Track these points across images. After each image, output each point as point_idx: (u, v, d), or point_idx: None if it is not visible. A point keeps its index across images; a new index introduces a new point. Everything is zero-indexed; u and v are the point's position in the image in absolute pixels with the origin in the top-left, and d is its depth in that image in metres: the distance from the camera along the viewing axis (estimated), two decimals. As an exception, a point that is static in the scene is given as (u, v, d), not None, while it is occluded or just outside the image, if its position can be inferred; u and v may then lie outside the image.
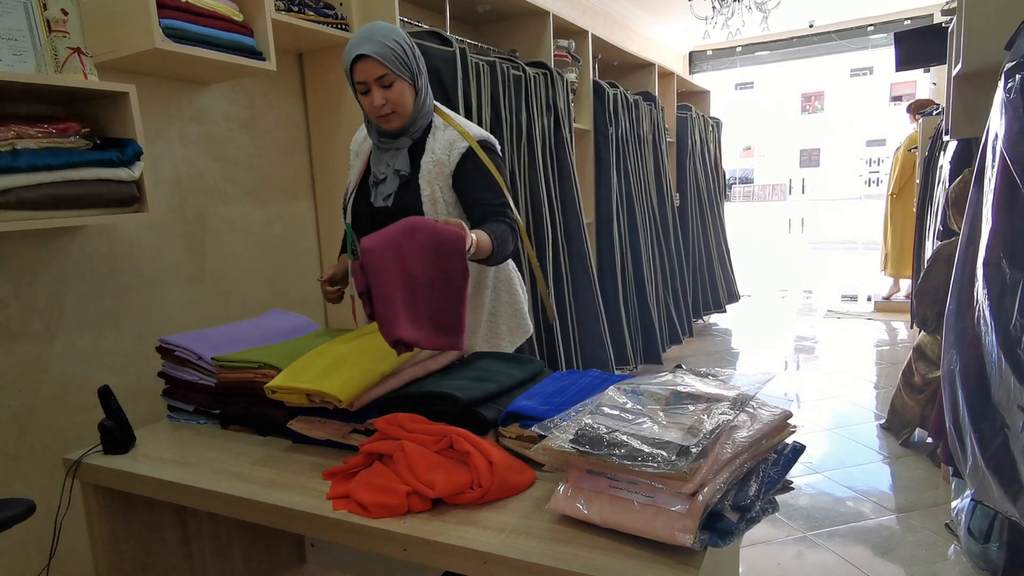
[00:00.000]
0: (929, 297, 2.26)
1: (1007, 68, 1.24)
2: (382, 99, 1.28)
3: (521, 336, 1.55)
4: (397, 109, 1.30)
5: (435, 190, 1.36)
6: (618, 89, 3.43)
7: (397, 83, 1.28)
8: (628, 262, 3.54)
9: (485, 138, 1.41)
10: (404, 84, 1.29)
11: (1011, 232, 1.17)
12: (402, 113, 1.32)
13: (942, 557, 1.87)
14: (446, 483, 0.87)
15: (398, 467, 0.91)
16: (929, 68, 4.42)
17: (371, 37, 1.26)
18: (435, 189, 1.36)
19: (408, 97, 1.31)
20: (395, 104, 1.30)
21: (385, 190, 1.38)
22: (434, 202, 1.37)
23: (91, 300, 1.59)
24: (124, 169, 1.38)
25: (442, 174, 1.37)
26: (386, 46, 1.25)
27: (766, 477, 0.80)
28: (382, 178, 1.39)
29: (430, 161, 1.37)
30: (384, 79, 1.27)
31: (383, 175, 1.38)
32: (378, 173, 1.40)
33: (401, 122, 1.33)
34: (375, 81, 1.27)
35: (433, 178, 1.36)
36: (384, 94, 1.28)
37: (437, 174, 1.36)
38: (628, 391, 0.90)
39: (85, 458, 1.13)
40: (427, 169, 1.37)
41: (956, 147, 2.38)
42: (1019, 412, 1.12)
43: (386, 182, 1.38)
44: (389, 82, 1.28)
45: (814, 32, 5.65)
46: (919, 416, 2.58)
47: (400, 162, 1.37)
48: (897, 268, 5.05)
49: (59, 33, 1.33)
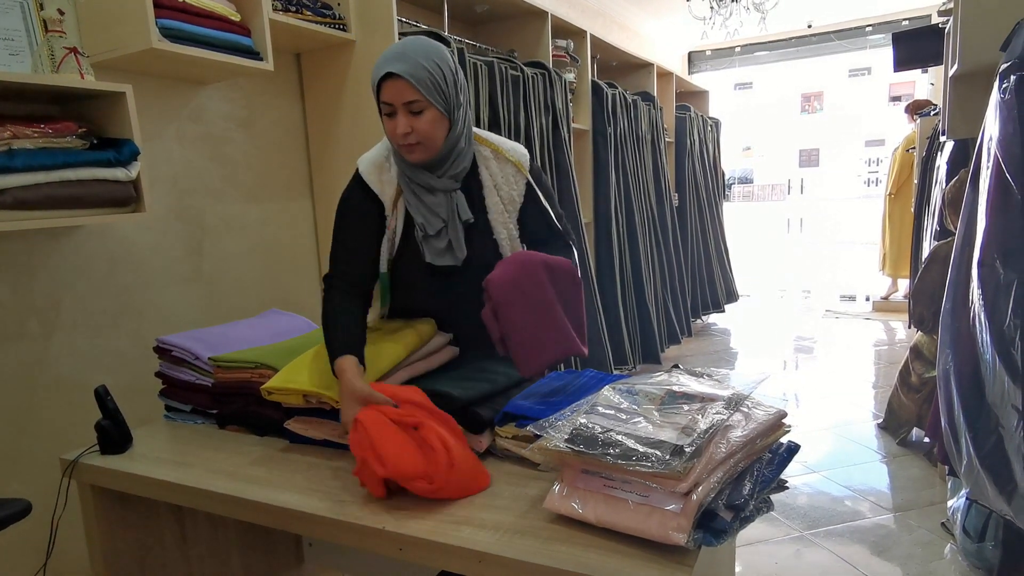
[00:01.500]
0: (925, 297, 2.26)
1: (1002, 69, 1.24)
2: (407, 127, 1.09)
3: None
4: (423, 141, 1.11)
5: (510, 231, 1.21)
6: (617, 89, 3.43)
7: (428, 111, 1.09)
8: (626, 262, 3.55)
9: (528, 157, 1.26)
10: (436, 114, 1.10)
11: (1005, 233, 1.17)
12: (428, 146, 1.12)
13: (938, 556, 1.88)
14: (397, 464, 0.86)
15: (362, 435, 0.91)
16: (927, 68, 4.43)
17: (406, 54, 1.07)
18: (510, 230, 1.21)
19: (439, 129, 1.11)
20: (422, 135, 1.10)
21: (442, 244, 1.17)
22: (511, 240, 1.21)
23: (88, 300, 1.59)
24: (121, 169, 1.38)
25: (511, 211, 1.22)
26: (423, 67, 1.07)
27: (760, 476, 0.81)
28: (435, 231, 1.16)
29: (497, 201, 1.20)
30: (414, 105, 1.08)
31: (438, 226, 1.16)
32: (429, 225, 1.16)
33: (425, 155, 1.13)
34: (403, 105, 1.08)
35: (507, 218, 1.21)
36: (411, 121, 1.09)
37: (508, 213, 1.21)
38: (623, 391, 0.90)
39: (82, 458, 1.14)
40: (497, 210, 1.20)
41: (952, 147, 2.39)
42: (1013, 412, 1.12)
43: (440, 235, 1.17)
44: (419, 109, 1.08)
45: (812, 32, 5.66)
46: (916, 416, 2.58)
47: (463, 209, 1.17)
48: (895, 268, 5.06)
49: (55, 33, 1.33)
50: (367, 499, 0.92)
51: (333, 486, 0.97)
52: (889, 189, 5.03)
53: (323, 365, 1.09)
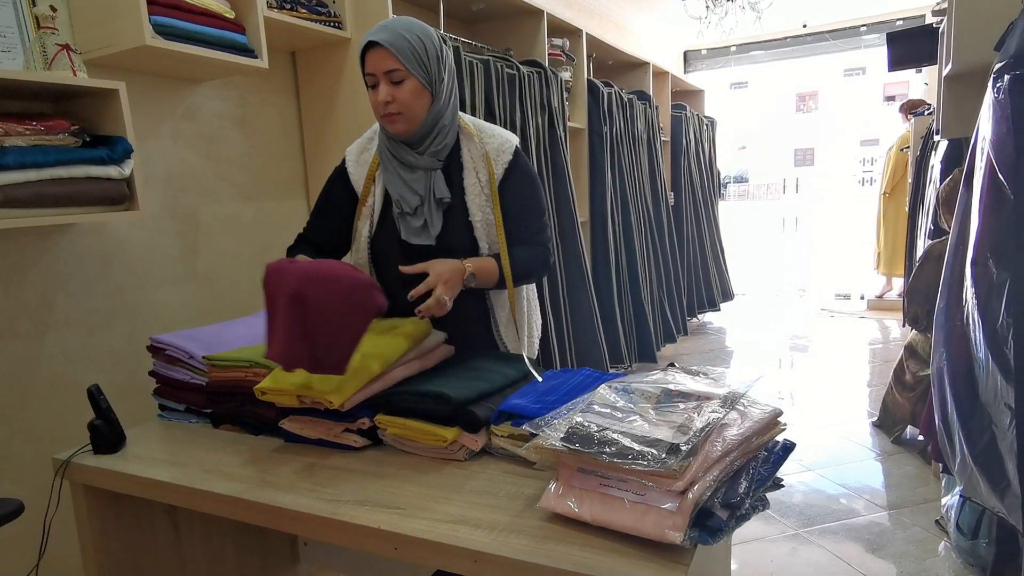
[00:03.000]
0: (920, 296, 2.27)
1: (996, 69, 1.25)
2: (388, 95, 1.13)
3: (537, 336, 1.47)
4: (403, 111, 1.15)
5: (487, 214, 1.20)
6: (612, 88, 3.43)
7: (408, 81, 1.13)
8: (622, 261, 3.55)
9: (517, 142, 1.28)
10: (417, 84, 1.14)
11: (997, 232, 1.18)
12: (409, 116, 1.15)
13: (932, 553, 1.89)
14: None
15: None
16: (921, 68, 4.45)
17: (388, 27, 1.13)
18: (487, 213, 1.20)
19: (420, 100, 1.15)
20: (402, 104, 1.14)
21: (419, 223, 1.20)
22: (488, 226, 1.21)
23: (81, 299, 1.58)
24: (114, 167, 1.37)
25: (491, 192, 1.21)
26: (403, 38, 1.11)
27: (756, 475, 0.81)
28: (411, 208, 1.19)
29: (475, 182, 1.20)
30: (394, 74, 1.12)
31: (415, 203, 1.19)
32: (407, 202, 1.19)
33: (406, 127, 1.17)
34: (384, 75, 1.13)
35: (484, 200, 1.20)
36: (391, 91, 1.13)
37: (486, 198, 1.20)
38: (619, 389, 0.90)
39: (75, 458, 1.13)
40: (474, 191, 1.20)
41: (947, 147, 2.40)
42: (1006, 410, 1.13)
43: (418, 213, 1.19)
44: (399, 78, 1.13)
45: (807, 32, 5.67)
46: (910, 414, 2.60)
47: (439, 187, 1.19)
48: (890, 267, 5.09)
49: (48, 30, 1.32)
50: (362, 499, 0.91)
51: (328, 486, 0.96)
52: (884, 188, 5.05)
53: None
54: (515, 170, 1.24)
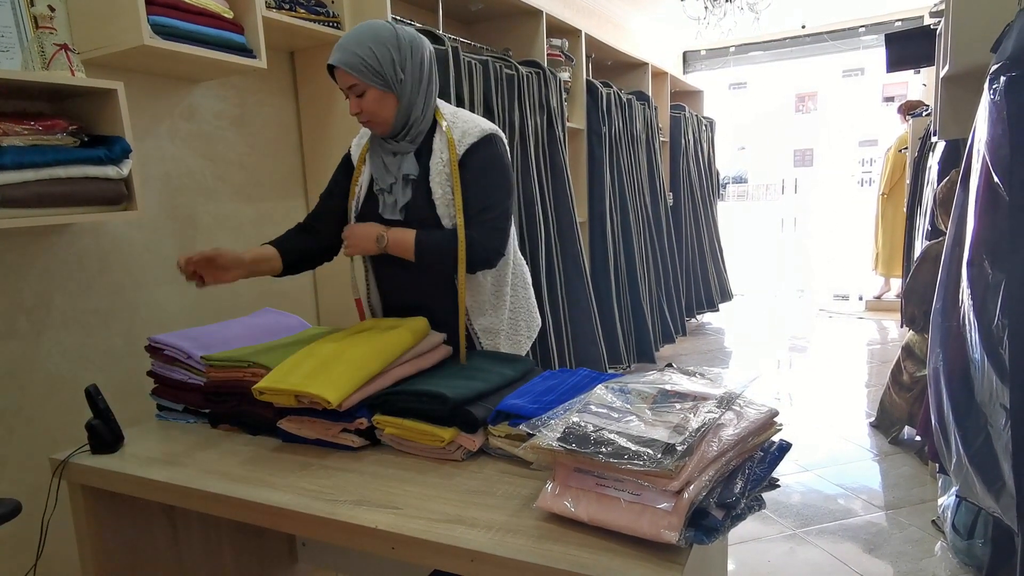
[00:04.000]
0: (917, 296, 2.28)
1: (992, 70, 1.25)
2: (356, 107, 1.26)
3: (535, 330, 1.52)
4: (372, 117, 1.27)
5: (446, 191, 1.29)
6: (611, 88, 3.43)
7: (369, 91, 1.25)
8: (621, 261, 3.55)
9: (492, 131, 1.34)
10: (377, 92, 1.25)
11: (993, 233, 1.18)
12: (378, 120, 1.28)
13: (929, 553, 1.89)
14: None
15: None
16: (919, 69, 4.45)
17: (343, 45, 1.23)
18: (447, 190, 1.29)
19: (385, 105, 1.26)
20: (369, 112, 1.26)
21: (392, 199, 1.32)
22: (448, 205, 1.29)
23: (79, 299, 1.58)
24: (112, 167, 1.37)
25: (452, 172, 1.30)
26: (355, 55, 1.22)
27: (752, 475, 0.81)
28: (388, 185, 1.32)
29: (439, 161, 1.30)
30: (355, 88, 1.25)
31: (389, 182, 1.32)
32: (382, 181, 1.33)
33: (382, 128, 1.30)
34: (348, 89, 1.26)
35: (444, 179, 1.30)
36: (358, 103, 1.26)
37: (446, 176, 1.30)
38: (616, 390, 0.90)
39: (72, 458, 1.13)
40: (437, 170, 1.30)
41: (944, 148, 2.40)
42: (1001, 410, 1.13)
43: (393, 190, 1.32)
44: (360, 91, 1.25)
45: (806, 33, 5.68)
46: (908, 414, 2.60)
47: (408, 165, 1.31)
48: (888, 268, 5.09)
49: (46, 30, 1.32)
50: (360, 499, 0.92)
51: (326, 485, 0.96)
52: (882, 189, 5.06)
53: (315, 364, 1.09)
54: (478, 152, 1.30)
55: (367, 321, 1.29)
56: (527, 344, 1.49)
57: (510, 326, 1.45)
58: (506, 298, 1.43)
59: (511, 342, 1.45)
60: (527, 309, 1.49)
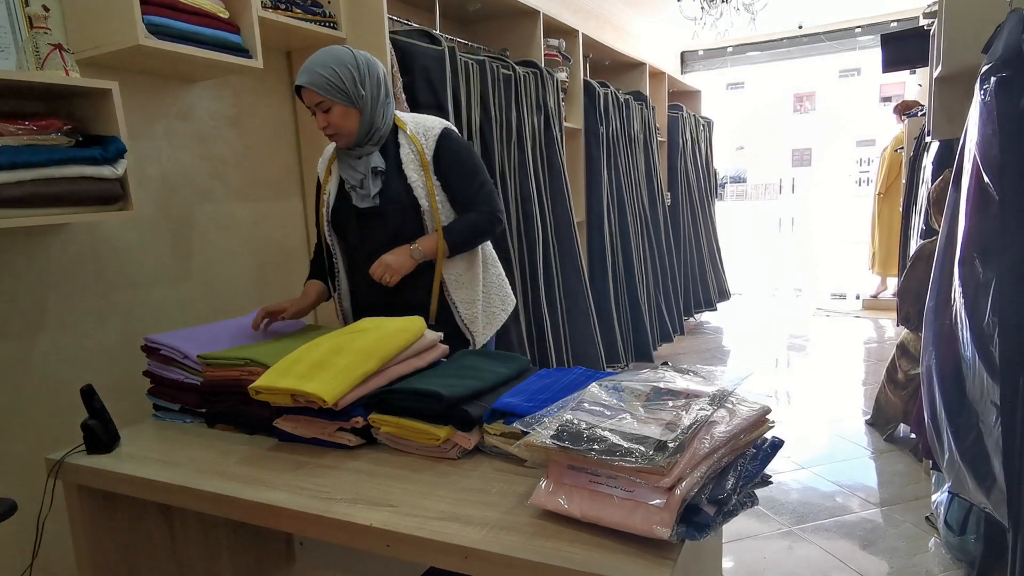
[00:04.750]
0: (911, 295, 2.29)
1: (983, 71, 1.26)
2: (324, 122, 1.40)
3: (509, 305, 1.68)
4: (338, 130, 1.41)
5: (422, 176, 1.46)
6: (609, 88, 3.44)
7: (335, 107, 1.38)
8: (619, 261, 3.56)
9: (446, 125, 1.52)
10: (341, 108, 1.39)
11: (984, 232, 1.19)
12: (343, 133, 1.42)
13: (922, 549, 1.91)
14: None
15: None
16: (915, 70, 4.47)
17: (309, 67, 1.37)
18: (421, 175, 1.46)
19: (349, 119, 1.41)
20: (336, 127, 1.40)
21: (364, 191, 1.45)
22: (423, 188, 1.45)
23: (75, 299, 1.58)
24: (107, 167, 1.37)
25: (422, 162, 1.46)
26: (320, 75, 1.36)
27: (744, 471, 0.82)
28: (358, 181, 1.46)
29: (409, 152, 1.47)
30: (321, 105, 1.38)
31: (358, 178, 1.46)
32: (351, 178, 1.47)
33: (346, 140, 1.44)
34: (315, 106, 1.39)
35: (417, 165, 1.46)
36: (325, 118, 1.40)
37: (418, 163, 1.46)
38: (609, 387, 0.91)
39: (68, 458, 1.13)
40: (409, 159, 1.46)
41: (938, 148, 2.41)
42: (992, 407, 1.14)
43: (363, 184, 1.45)
44: (327, 107, 1.38)
45: (803, 33, 5.69)
46: (902, 412, 2.61)
47: (375, 160, 1.45)
48: (884, 267, 5.11)
49: (40, 29, 1.32)
50: (356, 497, 0.92)
51: (322, 484, 0.97)
52: (878, 189, 5.07)
53: (311, 363, 1.10)
54: (445, 143, 1.49)
55: (363, 320, 1.30)
56: (503, 317, 1.66)
57: (485, 300, 1.63)
58: (479, 274, 1.60)
59: (486, 316, 1.62)
60: (499, 285, 1.67)
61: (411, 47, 2.11)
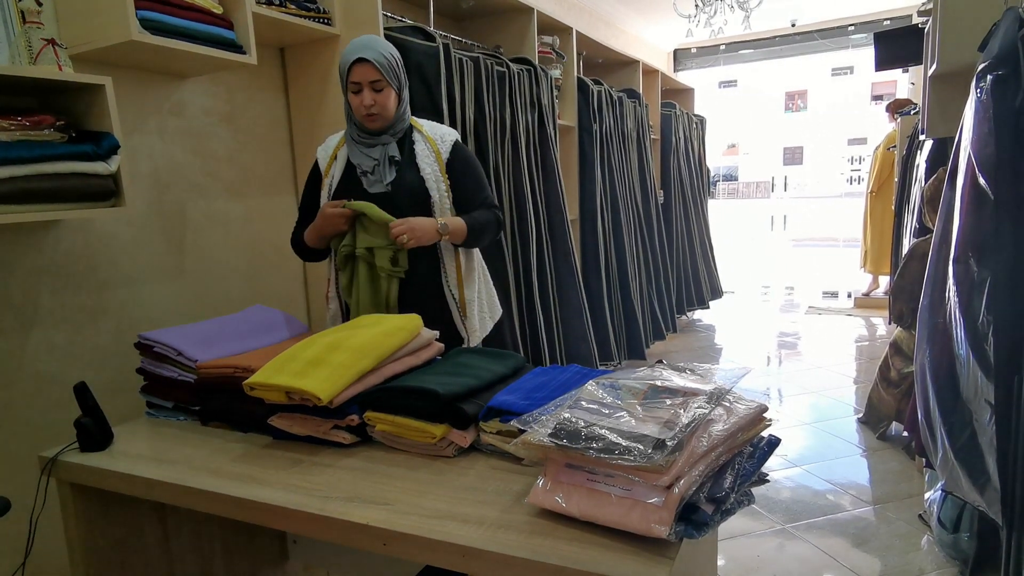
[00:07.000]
0: (905, 293, 2.31)
1: (979, 70, 1.26)
2: (371, 100, 1.47)
3: (496, 313, 1.77)
4: (382, 112, 1.49)
5: (435, 170, 1.55)
6: (602, 86, 3.44)
7: (387, 89, 1.48)
8: (612, 258, 3.56)
9: (458, 136, 1.62)
10: (391, 91, 1.50)
11: (979, 231, 1.20)
12: (385, 116, 1.50)
13: (915, 547, 1.92)
14: None
15: None
16: (908, 68, 4.50)
17: (372, 46, 1.46)
18: (435, 170, 1.55)
19: (393, 103, 1.51)
20: (381, 107, 1.49)
21: (376, 177, 1.52)
22: (436, 181, 1.54)
23: (67, 295, 1.57)
24: (100, 163, 1.36)
25: (437, 160, 1.56)
26: (384, 56, 1.47)
27: (741, 470, 0.82)
28: (370, 167, 1.53)
29: (424, 149, 1.56)
30: (377, 84, 1.47)
31: (371, 165, 1.53)
32: (364, 164, 1.54)
33: (383, 123, 1.51)
34: (369, 84, 1.46)
35: (432, 160, 1.56)
36: (374, 96, 1.47)
37: (432, 160, 1.55)
38: (607, 386, 0.91)
39: (61, 455, 1.12)
40: (423, 156, 1.55)
41: (932, 146, 2.43)
42: (986, 406, 1.15)
43: (376, 171, 1.52)
44: (380, 87, 1.47)
45: (796, 31, 5.71)
46: (895, 410, 2.63)
47: (392, 150, 1.53)
48: (876, 265, 5.14)
49: (33, 24, 1.31)
50: (351, 495, 0.92)
51: (317, 482, 0.96)
52: (870, 187, 5.11)
53: (306, 361, 1.09)
54: (459, 151, 1.61)
55: (360, 318, 1.29)
56: (490, 324, 1.74)
57: (478, 304, 1.70)
58: (476, 278, 1.69)
59: (479, 315, 1.68)
60: (489, 294, 1.77)
61: (405, 43, 2.11)
